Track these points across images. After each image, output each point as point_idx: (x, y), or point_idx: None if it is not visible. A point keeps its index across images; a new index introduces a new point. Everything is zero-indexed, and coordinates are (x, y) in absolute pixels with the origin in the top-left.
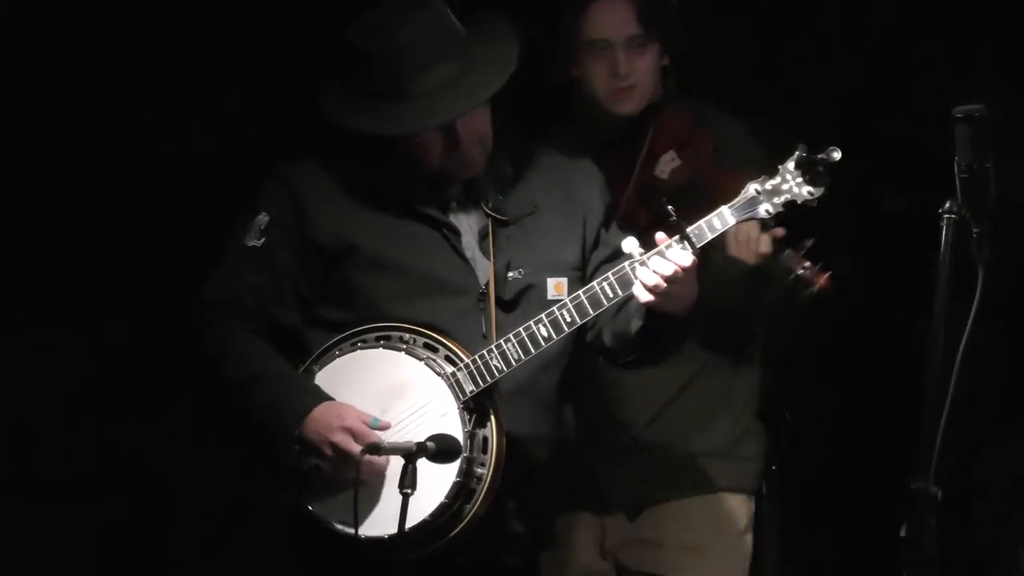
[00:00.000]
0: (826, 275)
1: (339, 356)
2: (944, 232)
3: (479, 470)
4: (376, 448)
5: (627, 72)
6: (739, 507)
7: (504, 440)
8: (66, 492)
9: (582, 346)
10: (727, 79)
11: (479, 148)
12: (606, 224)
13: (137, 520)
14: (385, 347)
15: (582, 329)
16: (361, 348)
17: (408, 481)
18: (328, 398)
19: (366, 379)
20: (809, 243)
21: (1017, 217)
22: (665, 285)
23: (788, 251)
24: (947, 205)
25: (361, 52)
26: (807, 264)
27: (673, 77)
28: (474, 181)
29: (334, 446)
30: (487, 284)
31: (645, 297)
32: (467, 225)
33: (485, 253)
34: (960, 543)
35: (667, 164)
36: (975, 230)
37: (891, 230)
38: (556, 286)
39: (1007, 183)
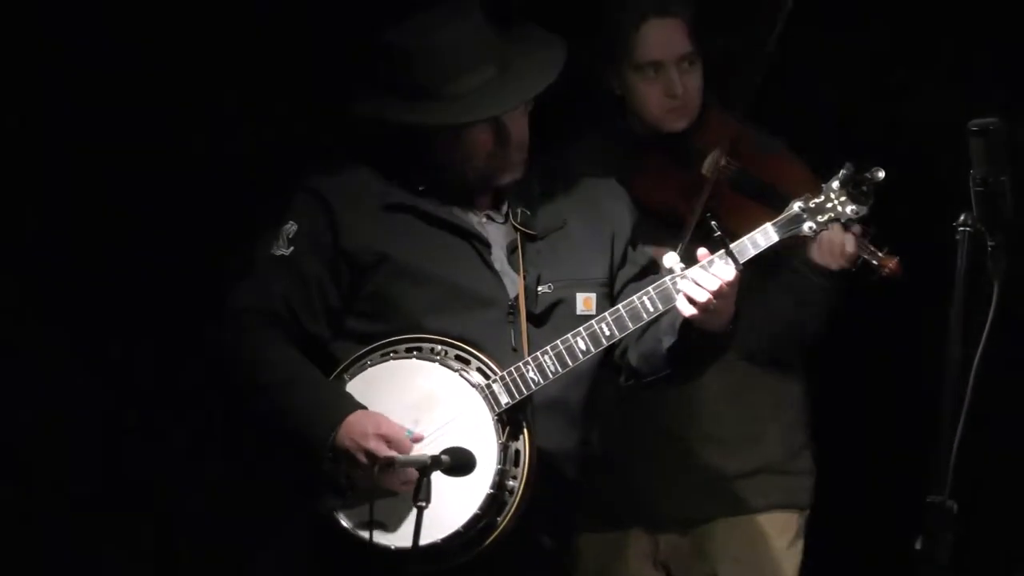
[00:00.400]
0: (895, 259)
1: (370, 366)
2: (960, 245)
3: (511, 483)
4: (391, 462)
5: (680, 92)
6: (791, 523)
7: (536, 453)
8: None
9: (607, 364)
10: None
11: (520, 153)
12: (633, 242)
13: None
14: (418, 358)
15: (609, 348)
16: (393, 358)
17: (423, 494)
18: (362, 406)
19: (399, 389)
20: (873, 229)
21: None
22: (713, 300)
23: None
24: (962, 218)
25: (401, 53)
26: (872, 249)
27: (712, 88)
28: (503, 195)
29: (368, 453)
30: (516, 297)
31: (689, 311)
32: (496, 239)
33: (514, 267)
34: (975, 557)
35: (714, 162)
36: (990, 243)
37: (907, 242)
38: (585, 301)
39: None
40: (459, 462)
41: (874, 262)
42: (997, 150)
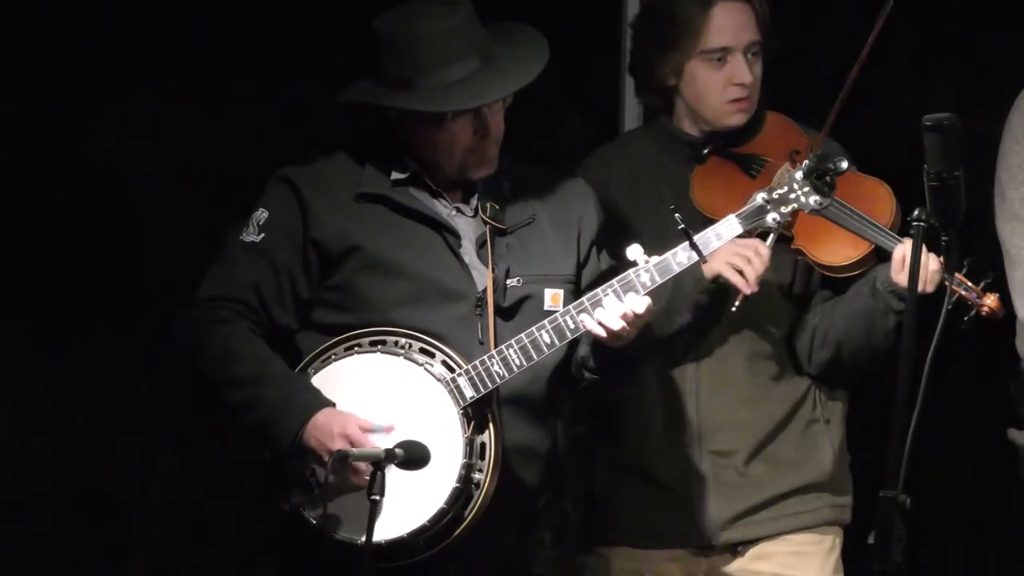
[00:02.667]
0: (994, 296)
1: (335, 360)
2: (914, 240)
3: (477, 476)
4: (344, 456)
5: (746, 81)
6: (837, 540)
7: (502, 447)
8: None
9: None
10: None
11: (497, 147)
12: (597, 244)
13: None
14: (382, 352)
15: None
16: (357, 353)
17: (377, 488)
18: (330, 403)
19: (364, 385)
20: (968, 261)
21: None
22: (626, 328)
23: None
24: (916, 213)
25: (387, 41)
26: (966, 283)
27: (767, 85)
28: (473, 189)
29: (332, 454)
30: (484, 290)
31: (599, 334)
32: (466, 232)
33: (483, 260)
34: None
35: (784, 175)
36: (944, 238)
37: None
38: (553, 297)
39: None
40: (413, 456)
41: (969, 297)
42: (952, 145)
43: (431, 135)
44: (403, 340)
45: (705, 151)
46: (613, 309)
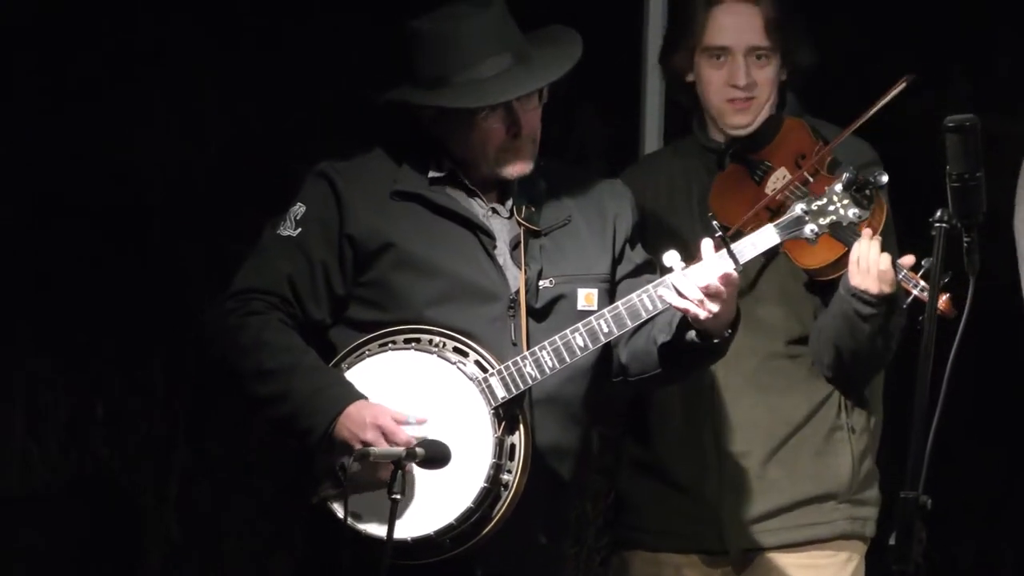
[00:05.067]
0: (945, 296)
1: (369, 356)
2: (935, 241)
3: (506, 476)
4: (365, 454)
5: (746, 84)
6: (855, 554)
7: (531, 448)
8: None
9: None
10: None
11: (532, 146)
12: (632, 241)
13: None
14: (416, 350)
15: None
16: (392, 349)
17: (398, 487)
18: (362, 396)
19: (397, 381)
20: (926, 263)
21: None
22: (703, 298)
23: (904, 271)
24: (938, 214)
25: (421, 40)
26: (917, 281)
27: (792, 93)
28: (508, 190)
29: (365, 444)
30: (517, 291)
31: (681, 304)
32: (500, 233)
33: (516, 261)
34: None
35: (778, 180)
36: (966, 239)
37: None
38: (587, 297)
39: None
40: (434, 454)
41: (923, 297)
42: (973, 146)
43: (464, 133)
44: (437, 339)
45: (725, 156)
46: (699, 276)
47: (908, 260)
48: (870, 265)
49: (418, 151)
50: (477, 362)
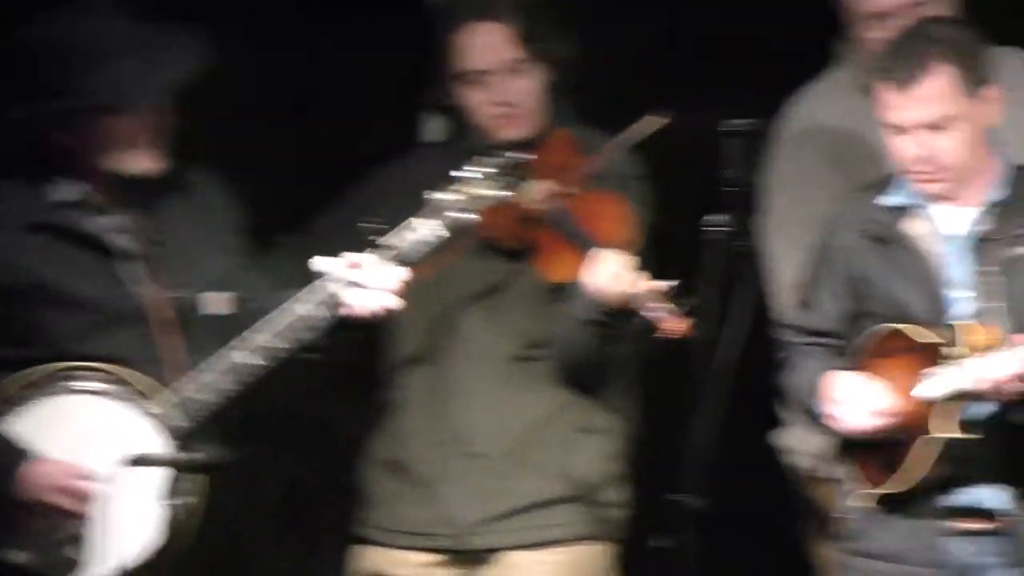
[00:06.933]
0: (684, 323)
1: (24, 404)
2: (708, 245)
3: (180, 505)
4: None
5: (507, 100)
6: (597, 555)
7: (208, 475)
8: None
9: None
10: None
11: (153, 149)
12: (236, 244)
13: None
14: (73, 391)
15: None
16: (44, 395)
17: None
18: (26, 455)
19: (59, 429)
20: (669, 285)
21: None
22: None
23: (647, 289)
24: (710, 218)
25: (36, 51)
26: (663, 306)
27: (561, 94)
28: (131, 203)
29: (49, 508)
30: (151, 307)
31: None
32: (128, 248)
33: (145, 275)
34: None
35: (542, 191)
36: (737, 243)
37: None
38: (217, 301)
39: None
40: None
41: (654, 315)
42: (749, 151)
43: (89, 141)
44: (89, 373)
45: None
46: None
47: (657, 284)
48: (603, 276)
49: (49, 170)
50: (140, 392)
